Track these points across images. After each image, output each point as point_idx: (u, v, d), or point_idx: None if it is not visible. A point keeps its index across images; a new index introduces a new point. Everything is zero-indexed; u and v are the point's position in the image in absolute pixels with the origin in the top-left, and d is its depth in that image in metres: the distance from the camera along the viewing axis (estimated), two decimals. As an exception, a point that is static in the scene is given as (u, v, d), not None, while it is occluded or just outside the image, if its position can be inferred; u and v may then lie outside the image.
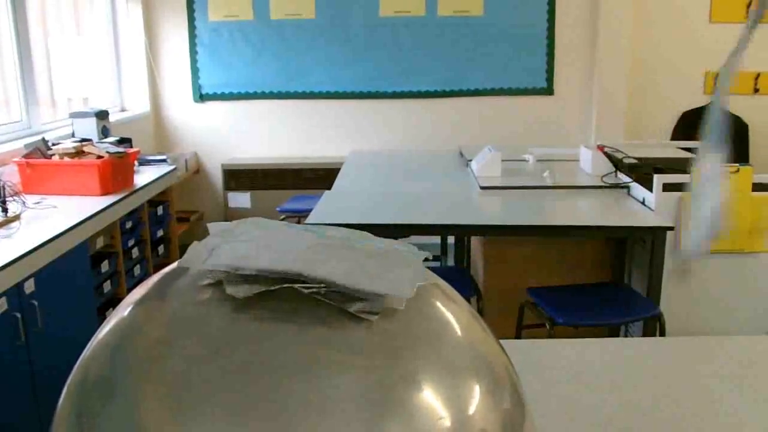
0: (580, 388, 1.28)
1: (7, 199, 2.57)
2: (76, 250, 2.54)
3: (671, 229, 2.69)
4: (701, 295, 2.92)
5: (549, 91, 5.01)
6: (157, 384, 0.54)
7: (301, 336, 0.56)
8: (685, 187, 2.78)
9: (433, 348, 0.60)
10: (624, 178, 3.16)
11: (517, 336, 2.83)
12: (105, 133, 3.68)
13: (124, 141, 3.66)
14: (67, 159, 3.04)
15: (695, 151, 3.91)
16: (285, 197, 4.66)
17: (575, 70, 4.97)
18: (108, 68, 4.68)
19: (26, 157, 3.01)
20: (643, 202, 2.91)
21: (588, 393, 1.26)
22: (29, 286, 2.21)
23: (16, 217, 2.52)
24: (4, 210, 2.52)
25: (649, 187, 2.87)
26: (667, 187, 2.81)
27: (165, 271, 0.70)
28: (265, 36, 4.90)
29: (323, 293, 0.59)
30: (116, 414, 0.54)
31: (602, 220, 2.72)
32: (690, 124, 5.01)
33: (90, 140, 3.30)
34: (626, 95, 4.91)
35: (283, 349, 0.55)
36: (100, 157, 3.05)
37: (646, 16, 4.90)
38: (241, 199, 4.91)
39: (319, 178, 4.75)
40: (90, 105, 4.20)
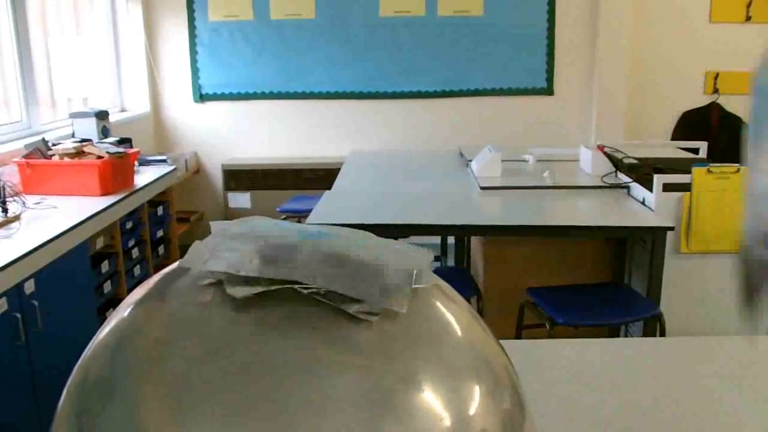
0: (580, 389, 1.28)
1: (7, 200, 2.57)
2: (76, 251, 2.54)
3: (671, 229, 2.69)
4: (701, 295, 2.92)
5: (549, 91, 5.01)
6: (157, 384, 0.54)
7: (301, 337, 0.56)
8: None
9: (432, 348, 0.60)
10: (624, 178, 3.16)
11: (517, 336, 2.83)
12: (105, 133, 3.68)
13: (124, 141, 3.66)
14: (67, 159, 3.04)
15: (695, 151, 3.90)
16: (285, 197, 4.65)
17: (575, 70, 4.97)
18: (108, 68, 4.68)
19: (26, 157, 3.01)
20: (643, 202, 2.91)
21: (588, 393, 1.26)
22: (29, 287, 2.21)
23: (16, 218, 2.52)
24: (4, 210, 2.52)
25: (650, 187, 2.87)
26: (668, 187, 2.81)
27: (165, 271, 0.70)
28: (265, 36, 4.90)
29: (323, 294, 0.59)
30: (117, 414, 0.54)
31: (602, 221, 2.72)
32: (690, 124, 5.01)
33: (90, 140, 3.30)
34: (626, 95, 4.91)
35: (283, 350, 0.55)
36: (100, 158, 3.05)
37: (646, 16, 4.90)
38: (241, 200, 4.91)
39: (319, 179, 4.75)
40: (90, 105, 4.20)
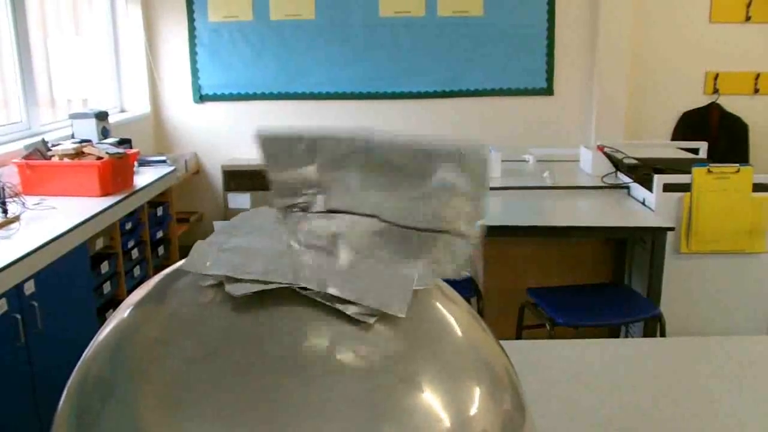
0: (580, 389, 1.28)
1: (7, 200, 2.57)
2: (76, 251, 2.54)
3: (671, 229, 2.69)
4: (701, 295, 2.92)
5: (549, 91, 5.01)
6: (156, 385, 0.54)
7: (300, 337, 0.56)
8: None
9: (432, 349, 0.60)
10: (624, 179, 3.16)
11: (518, 336, 2.83)
12: (105, 134, 3.68)
13: (124, 142, 3.66)
14: (66, 160, 3.04)
15: (695, 151, 3.90)
16: (285, 198, 4.64)
17: (575, 70, 4.97)
18: (108, 69, 4.68)
19: (26, 158, 3.01)
20: (644, 203, 2.91)
21: (588, 393, 1.26)
22: (29, 287, 2.21)
23: (16, 218, 2.52)
24: (4, 211, 2.52)
25: (650, 188, 2.87)
26: (668, 188, 2.81)
27: (166, 272, 0.70)
28: (265, 36, 4.90)
29: (321, 294, 0.59)
30: (117, 415, 0.54)
31: (602, 221, 2.72)
32: (690, 125, 5.01)
33: (90, 141, 3.30)
34: (626, 95, 4.91)
35: (282, 351, 0.54)
36: (99, 158, 3.05)
37: (646, 17, 4.90)
38: (241, 200, 4.90)
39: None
40: (90, 106, 4.20)
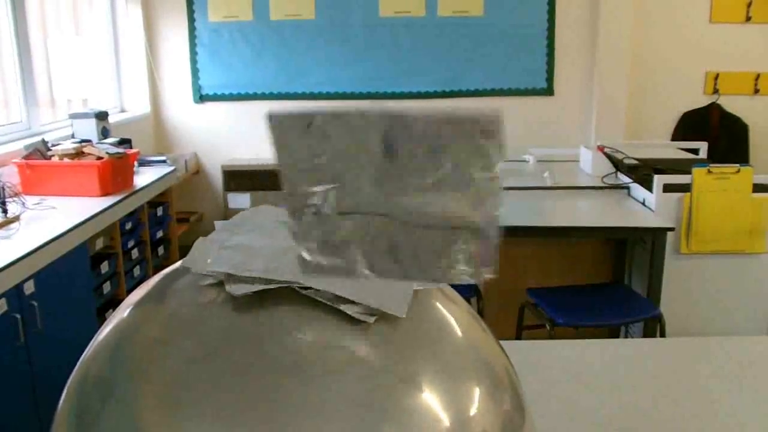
0: (580, 389, 1.28)
1: (7, 200, 2.57)
2: (76, 251, 2.54)
3: (671, 229, 2.69)
4: (701, 295, 2.92)
5: (549, 91, 5.01)
6: (157, 385, 0.54)
7: (300, 337, 0.56)
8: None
9: (432, 349, 0.59)
10: (624, 179, 3.16)
11: (518, 337, 2.83)
12: (105, 133, 3.68)
13: (124, 142, 3.66)
14: (66, 160, 3.04)
15: (695, 151, 3.90)
16: (285, 198, 4.64)
17: (575, 70, 4.97)
18: (108, 69, 4.68)
19: (26, 158, 3.01)
20: (644, 203, 2.91)
21: (588, 393, 1.26)
22: (29, 287, 2.21)
23: (16, 218, 2.52)
24: (4, 211, 2.52)
25: (650, 188, 2.86)
26: (668, 188, 2.81)
27: (165, 271, 0.70)
28: (265, 36, 4.90)
29: (322, 293, 0.59)
30: (116, 414, 0.53)
31: (602, 221, 2.72)
32: (690, 125, 5.01)
33: (90, 141, 3.30)
34: (626, 95, 4.91)
35: (282, 350, 0.54)
36: (99, 158, 3.05)
37: (646, 17, 4.90)
38: (241, 200, 4.90)
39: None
40: (90, 106, 4.20)
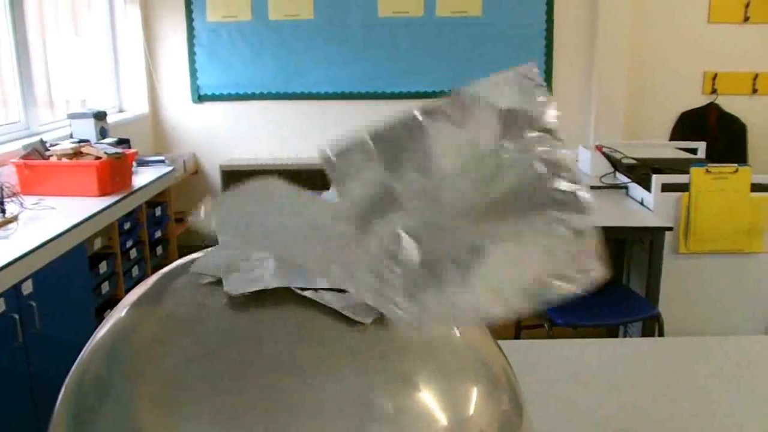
0: (579, 389, 1.28)
1: (5, 200, 2.57)
2: (74, 251, 2.54)
3: (670, 229, 2.69)
4: (700, 295, 2.92)
5: (548, 91, 5.00)
6: (154, 385, 0.54)
7: (297, 337, 0.56)
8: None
9: (429, 349, 0.59)
10: (622, 179, 3.16)
11: (516, 336, 2.83)
12: (103, 134, 3.67)
13: (123, 142, 3.66)
14: (65, 160, 3.04)
15: (693, 151, 3.90)
16: (283, 198, 4.64)
17: (574, 70, 4.97)
18: (106, 69, 4.67)
19: (24, 158, 3.01)
20: (642, 203, 2.91)
21: (586, 393, 1.26)
22: (27, 287, 2.21)
23: (14, 218, 2.51)
24: (2, 211, 2.52)
25: (648, 188, 2.87)
26: (666, 188, 2.81)
27: (163, 271, 0.70)
28: (264, 36, 4.90)
29: (319, 294, 0.59)
30: (113, 414, 0.53)
31: (601, 221, 2.70)
32: (689, 125, 5.01)
33: (88, 141, 3.29)
34: (625, 95, 4.91)
35: (279, 350, 0.54)
36: (98, 158, 3.05)
37: (645, 17, 4.90)
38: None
39: (317, 179, 4.74)
40: (88, 106, 4.20)
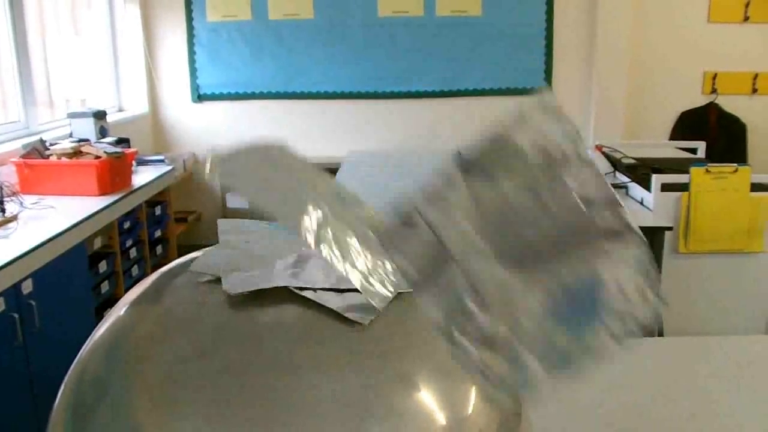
0: (578, 388, 1.27)
1: (5, 200, 2.57)
2: (74, 251, 2.54)
3: (669, 229, 2.69)
4: (699, 294, 2.92)
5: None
6: (152, 382, 0.54)
7: (295, 336, 0.56)
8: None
9: (428, 349, 0.59)
10: (622, 178, 3.16)
11: (516, 336, 2.82)
12: (103, 133, 3.67)
13: (122, 141, 3.66)
14: (64, 159, 3.03)
15: (693, 151, 3.89)
16: (283, 197, 4.64)
17: (574, 70, 4.97)
18: (106, 68, 4.67)
19: (24, 157, 3.01)
20: (642, 203, 2.91)
21: (586, 392, 1.26)
22: (27, 287, 2.21)
23: (14, 218, 2.51)
24: (2, 210, 2.52)
25: (648, 187, 2.86)
26: (666, 187, 2.81)
27: (162, 270, 0.70)
28: (264, 36, 4.90)
29: (317, 294, 0.59)
30: (112, 412, 0.53)
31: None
32: (688, 124, 5.01)
33: (88, 140, 3.29)
34: (625, 95, 4.91)
35: (277, 350, 0.54)
36: (98, 158, 3.04)
37: (645, 17, 4.90)
38: (240, 200, 4.90)
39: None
40: (88, 105, 4.19)
